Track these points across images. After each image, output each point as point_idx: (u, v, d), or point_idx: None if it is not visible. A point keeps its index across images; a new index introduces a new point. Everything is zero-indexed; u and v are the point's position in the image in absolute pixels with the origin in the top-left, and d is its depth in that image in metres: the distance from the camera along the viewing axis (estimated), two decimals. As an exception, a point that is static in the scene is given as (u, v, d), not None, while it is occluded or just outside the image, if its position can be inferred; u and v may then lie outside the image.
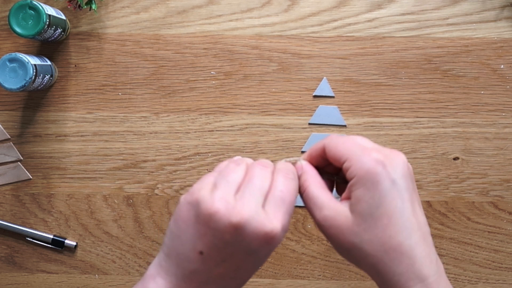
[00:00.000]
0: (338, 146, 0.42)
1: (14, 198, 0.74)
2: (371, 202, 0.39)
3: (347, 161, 0.41)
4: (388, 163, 0.40)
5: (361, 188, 0.40)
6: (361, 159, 0.40)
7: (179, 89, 0.73)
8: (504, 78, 0.72)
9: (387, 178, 0.39)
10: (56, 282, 0.74)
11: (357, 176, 0.40)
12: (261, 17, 0.72)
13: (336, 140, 0.42)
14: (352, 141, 0.42)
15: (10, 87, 0.65)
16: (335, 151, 0.42)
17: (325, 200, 0.42)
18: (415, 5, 0.72)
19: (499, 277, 0.73)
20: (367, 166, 0.40)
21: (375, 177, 0.39)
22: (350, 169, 0.40)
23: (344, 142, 0.42)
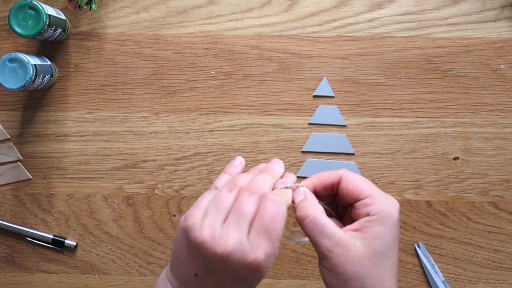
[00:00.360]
0: (360, 182, 0.44)
1: (14, 198, 0.74)
2: (386, 242, 0.42)
3: (369, 198, 0.43)
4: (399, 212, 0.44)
5: (381, 226, 0.42)
6: (386, 200, 0.43)
7: (179, 89, 0.73)
8: (504, 78, 0.72)
9: (398, 227, 0.43)
10: (56, 282, 0.74)
11: (379, 215, 0.42)
12: (261, 17, 0.72)
13: (356, 176, 0.44)
14: (370, 182, 0.44)
15: (10, 87, 0.65)
16: (357, 186, 0.43)
17: (334, 228, 0.43)
18: (415, 5, 0.72)
19: (499, 277, 0.73)
20: (391, 209, 0.42)
21: (393, 222, 0.42)
22: (372, 206, 0.42)
23: (364, 180, 0.44)
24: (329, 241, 0.42)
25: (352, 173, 0.44)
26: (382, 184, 0.72)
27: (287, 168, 0.73)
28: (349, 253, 0.42)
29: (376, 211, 0.42)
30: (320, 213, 0.43)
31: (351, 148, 0.72)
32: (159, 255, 0.74)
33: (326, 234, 0.42)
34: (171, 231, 0.74)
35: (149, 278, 0.74)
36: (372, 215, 0.42)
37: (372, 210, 0.42)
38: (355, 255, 0.41)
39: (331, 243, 0.42)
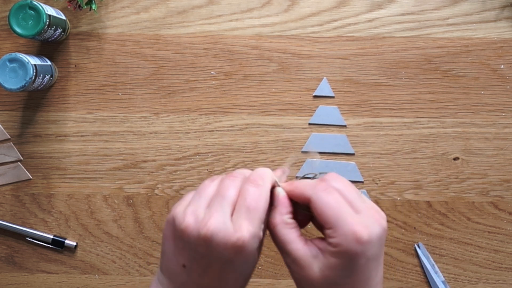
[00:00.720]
0: (326, 210, 0.41)
1: (14, 198, 0.74)
2: (339, 273, 0.41)
3: (331, 230, 0.41)
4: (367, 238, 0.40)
5: (337, 259, 0.41)
6: (346, 236, 0.40)
7: (179, 89, 0.73)
8: (504, 78, 0.72)
9: (363, 257, 0.41)
10: (56, 282, 0.74)
11: (337, 249, 0.40)
12: (261, 17, 0.72)
13: (327, 200, 0.41)
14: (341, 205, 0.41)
15: (10, 87, 0.65)
16: (322, 214, 0.41)
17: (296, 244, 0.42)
18: (415, 5, 0.72)
19: (499, 277, 0.73)
20: (348, 246, 0.40)
21: (353, 256, 0.40)
22: (332, 239, 0.41)
23: (332, 207, 0.41)
24: (287, 257, 0.43)
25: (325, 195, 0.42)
26: (382, 184, 0.72)
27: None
28: (304, 273, 0.42)
29: (334, 245, 0.41)
30: (282, 227, 0.43)
31: (351, 148, 0.72)
32: (159, 255, 0.74)
33: (286, 250, 0.42)
34: (171, 231, 0.74)
35: (149, 278, 0.74)
36: (331, 246, 0.41)
37: (331, 243, 0.41)
38: (309, 276, 0.41)
39: (288, 259, 0.42)
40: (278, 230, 0.43)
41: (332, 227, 0.41)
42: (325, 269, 0.41)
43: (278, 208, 0.43)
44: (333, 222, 0.41)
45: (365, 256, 0.40)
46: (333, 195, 0.42)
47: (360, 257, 0.40)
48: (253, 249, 0.41)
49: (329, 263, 0.41)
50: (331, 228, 0.41)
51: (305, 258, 0.42)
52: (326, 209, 0.41)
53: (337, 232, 0.40)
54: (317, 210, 0.41)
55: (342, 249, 0.40)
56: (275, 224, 0.43)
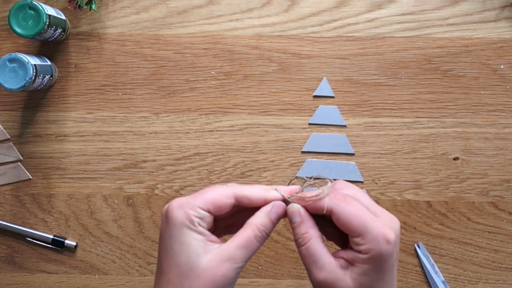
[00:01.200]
0: (352, 218, 0.41)
1: (14, 198, 0.74)
2: (375, 277, 0.41)
3: (360, 238, 0.41)
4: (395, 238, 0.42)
5: (370, 265, 0.41)
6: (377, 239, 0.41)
7: (179, 89, 0.73)
8: (504, 78, 0.72)
9: (392, 257, 0.42)
10: (56, 282, 0.74)
11: (369, 255, 0.41)
12: (261, 17, 0.72)
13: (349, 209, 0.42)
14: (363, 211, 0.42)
15: (10, 87, 0.65)
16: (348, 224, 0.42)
17: (327, 261, 0.42)
18: (415, 5, 0.72)
19: (499, 277, 0.73)
20: (381, 248, 0.41)
21: (385, 259, 0.41)
22: (362, 246, 0.41)
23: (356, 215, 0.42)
24: (318, 274, 0.42)
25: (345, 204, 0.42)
26: (382, 184, 0.72)
27: (287, 168, 0.73)
28: (337, 286, 0.42)
29: (366, 251, 0.41)
30: (315, 240, 0.43)
31: (351, 148, 0.72)
32: (159, 255, 0.74)
33: (318, 265, 0.42)
34: (171, 231, 0.74)
35: (149, 278, 0.74)
36: (362, 253, 0.41)
37: (362, 250, 0.41)
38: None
39: (319, 277, 0.42)
40: (312, 243, 0.43)
41: (360, 235, 0.41)
42: (359, 277, 0.41)
43: (305, 223, 0.43)
44: (361, 230, 0.41)
45: (393, 255, 0.42)
46: (353, 203, 0.42)
47: (390, 257, 0.41)
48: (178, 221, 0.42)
49: (361, 271, 0.41)
50: (359, 235, 0.41)
51: (338, 270, 0.42)
52: (352, 217, 0.41)
53: (367, 239, 0.41)
54: (342, 220, 0.42)
55: (374, 253, 0.41)
56: (310, 237, 0.43)
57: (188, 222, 0.42)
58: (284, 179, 0.73)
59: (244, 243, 0.42)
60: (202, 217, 0.42)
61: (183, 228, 0.42)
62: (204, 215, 0.42)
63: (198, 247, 0.42)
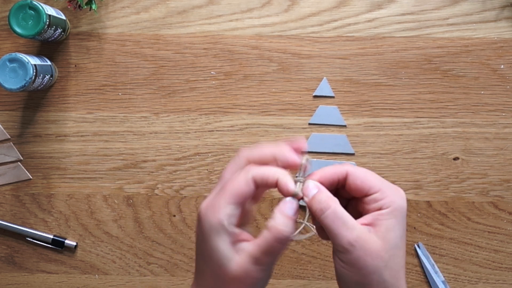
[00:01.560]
0: (368, 177, 0.44)
1: (14, 198, 0.74)
2: (398, 233, 0.43)
3: (379, 192, 0.43)
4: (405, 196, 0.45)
5: (393, 219, 0.43)
6: (395, 193, 0.44)
7: (179, 89, 0.73)
8: (504, 78, 0.72)
9: (405, 216, 0.44)
10: (56, 282, 0.74)
11: (390, 208, 0.43)
12: (261, 17, 0.72)
13: (362, 171, 0.44)
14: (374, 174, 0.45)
15: (10, 87, 0.65)
16: (365, 181, 0.44)
17: (354, 221, 0.43)
18: (415, 5, 0.72)
19: (499, 277, 0.73)
20: (400, 202, 0.43)
21: (404, 213, 0.43)
22: (383, 200, 0.43)
23: (371, 173, 0.44)
24: (351, 234, 0.42)
25: (358, 168, 0.44)
26: (382, 184, 0.72)
27: (287, 168, 0.73)
28: (369, 246, 0.42)
29: (388, 205, 0.43)
30: (339, 205, 0.43)
31: (351, 148, 0.72)
32: (159, 255, 0.74)
33: (348, 227, 0.42)
34: (171, 231, 0.74)
35: (149, 278, 0.74)
36: (384, 209, 0.43)
37: (383, 205, 0.43)
38: (374, 248, 0.42)
39: (353, 236, 0.42)
40: (337, 206, 0.43)
41: (380, 189, 0.43)
42: (385, 234, 0.42)
43: (324, 192, 0.43)
44: (380, 185, 0.43)
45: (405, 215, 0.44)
46: (364, 169, 0.45)
47: (405, 213, 0.44)
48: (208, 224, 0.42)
49: (386, 227, 0.42)
50: (378, 190, 0.43)
51: (365, 231, 0.42)
52: (368, 176, 0.44)
53: (387, 192, 0.43)
54: (360, 179, 0.44)
55: (397, 205, 0.43)
56: (329, 205, 0.43)
57: (218, 226, 0.42)
58: (284, 179, 0.72)
59: (267, 249, 0.42)
60: (230, 214, 0.42)
61: (213, 232, 0.42)
62: (231, 212, 0.43)
63: (228, 250, 0.42)
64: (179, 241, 0.74)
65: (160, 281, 0.74)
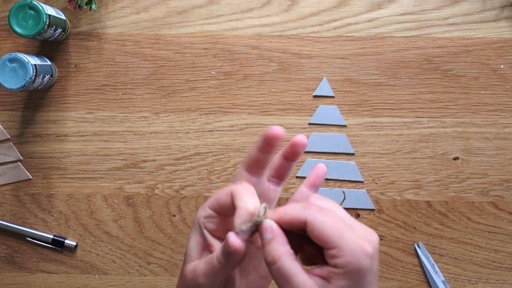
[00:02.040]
0: (326, 229, 0.39)
1: (14, 198, 0.74)
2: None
3: (336, 250, 0.38)
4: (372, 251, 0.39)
5: (347, 281, 0.39)
6: (353, 252, 0.38)
7: (179, 89, 0.73)
8: (504, 78, 0.72)
9: (371, 271, 0.39)
10: (56, 282, 0.74)
11: (346, 269, 0.38)
12: (261, 17, 0.72)
13: (324, 220, 0.39)
14: (339, 222, 0.39)
15: (10, 87, 0.65)
16: (323, 234, 0.39)
17: (301, 280, 0.39)
18: (415, 5, 0.72)
19: (499, 277, 0.73)
20: (359, 262, 0.38)
21: (363, 273, 0.39)
22: (338, 259, 0.39)
23: (333, 225, 0.39)
24: None
25: (320, 214, 0.39)
26: (382, 184, 0.72)
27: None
28: None
29: (343, 265, 0.38)
30: (287, 258, 0.40)
31: (351, 148, 0.72)
32: (159, 255, 0.74)
33: (292, 284, 0.39)
34: (171, 231, 0.74)
35: (149, 278, 0.74)
36: (338, 268, 0.39)
37: (338, 264, 0.38)
38: None
39: None
40: (283, 261, 0.40)
41: (336, 246, 0.38)
42: None
43: (277, 239, 0.40)
44: (337, 241, 0.38)
45: (373, 270, 0.39)
46: (328, 214, 0.40)
47: (369, 271, 0.39)
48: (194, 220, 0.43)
49: (339, 286, 0.39)
50: (335, 247, 0.38)
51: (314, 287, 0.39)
52: (327, 228, 0.39)
53: (344, 250, 0.38)
54: (317, 231, 0.39)
55: (352, 267, 0.38)
56: (280, 255, 0.40)
57: (197, 223, 0.43)
58: (284, 179, 0.73)
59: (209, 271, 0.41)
60: (209, 215, 0.43)
61: (193, 226, 0.43)
62: (210, 214, 0.43)
63: (193, 248, 0.43)
64: (179, 241, 0.74)
65: (160, 281, 0.74)
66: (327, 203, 0.41)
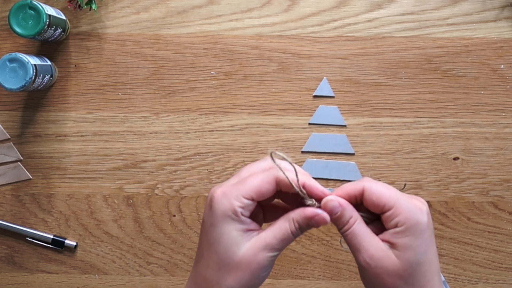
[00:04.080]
0: (382, 193, 0.43)
1: (14, 198, 0.74)
2: (418, 250, 0.42)
3: (393, 209, 0.42)
4: (426, 209, 0.43)
5: (410, 236, 0.42)
6: (410, 209, 0.42)
7: (179, 89, 0.73)
8: (504, 78, 0.72)
9: (430, 228, 0.43)
10: (56, 282, 0.74)
11: (406, 225, 0.42)
12: (261, 17, 0.72)
13: (380, 186, 0.43)
14: (392, 188, 0.44)
15: (10, 87, 0.65)
16: (380, 198, 0.43)
17: (372, 240, 0.43)
18: (415, 5, 0.72)
19: (499, 277, 0.73)
20: (416, 217, 0.42)
21: (423, 228, 0.42)
22: (397, 217, 0.42)
23: (387, 188, 0.43)
24: (366, 253, 0.43)
25: (375, 183, 0.44)
26: (382, 184, 0.72)
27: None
28: (385, 265, 0.42)
29: (402, 222, 0.42)
30: (358, 223, 0.43)
31: (351, 148, 0.72)
32: (159, 255, 0.74)
33: (364, 245, 0.43)
34: (171, 231, 0.74)
35: (149, 278, 0.74)
36: (399, 226, 0.42)
37: (398, 222, 0.42)
38: (391, 267, 0.42)
39: (368, 254, 0.43)
40: (356, 225, 0.43)
41: (393, 206, 0.42)
42: (403, 253, 0.42)
43: (347, 209, 0.44)
44: (394, 201, 0.42)
45: (430, 227, 0.42)
46: (381, 183, 0.44)
47: (427, 227, 0.42)
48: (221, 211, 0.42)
49: (403, 245, 0.42)
50: (392, 207, 0.42)
51: (384, 249, 0.42)
52: (384, 192, 0.43)
53: (401, 208, 0.42)
54: (375, 195, 0.43)
55: (411, 222, 0.42)
56: (355, 219, 0.43)
57: (231, 213, 0.43)
58: (284, 179, 0.73)
59: (282, 235, 0.43)
60: (246, 205, 0.43)
61: (225, 218, 0.43)
62: (247, 204, 0.43)
63: (238, 236, 0.43)
64: (179, 241, 0.74)
65: (160, 281, 0.74)
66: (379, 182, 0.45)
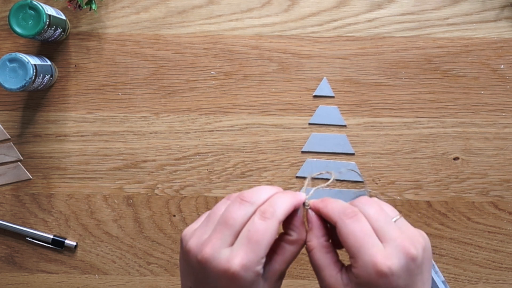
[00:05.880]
0: (349, 238, 0.40)
1: (14, 198, 0.74)
2: None
3: (353, 260, 0.40)
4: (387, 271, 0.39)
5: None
6: (365, 265, 0.39)
7: (179, 89, 0.73)
8: (504, 78, 0.72)
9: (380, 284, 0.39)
10: (56, 282, 0.74)
11: (358, 280, 0.40)
12: (261, 17, 0.72)
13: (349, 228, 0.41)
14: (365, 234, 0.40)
15: (10, 87, 0.65)
16: (345, 242, 0.41)
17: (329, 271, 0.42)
18: (415, 5, 0.72)
19: (499, 277, 0.73)
20: (368, 277, 0.39)
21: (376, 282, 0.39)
22: (354, 269, 0.40)
23: (356, 235, 0.40)
24: (321, 282, 0.43)
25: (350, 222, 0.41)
26: (382, 184, 0.72)
27: (287, 168, 0.73)
28: None
29: (356, 275, 0.40)
30: (318, 250, 0.43)
31: (351, 148, 0.72)
32: (159, 255, 0.74)
33: (320, 275, 0.42)
34: (171, 231, 0.74)
35: (149, 278, 0.74)
36: (354, 276, 0.40)
37: (353, 272, 0.40)
38: None
39: (322, 284, 0.43)
40: (314, 253, 0.43)
41: (353, 257, 0.40)
42: None
43: (313, 231, 0.43)
44: (355, 252, 0.40)
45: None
46: (359, 222, 0.41)
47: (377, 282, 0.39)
48: (247, 282, 0.40)
49: None
50: (353, 257, 0.40)
51: (336, 286, 0.41)
52: (350, 237, 0.40)
53: (357, 263, 0.40)
54: (342, 237, 0.41)
55: (362, 280, 0.39)
56: (312, 247, 0.43)
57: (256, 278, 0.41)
58: (284, 179, 0.73)
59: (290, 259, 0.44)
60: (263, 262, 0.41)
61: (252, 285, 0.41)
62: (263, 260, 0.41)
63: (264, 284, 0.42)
64: (179, 241, 0.74)
65: (160, 281, 0.74)
66: (372, 209, 0.42)
